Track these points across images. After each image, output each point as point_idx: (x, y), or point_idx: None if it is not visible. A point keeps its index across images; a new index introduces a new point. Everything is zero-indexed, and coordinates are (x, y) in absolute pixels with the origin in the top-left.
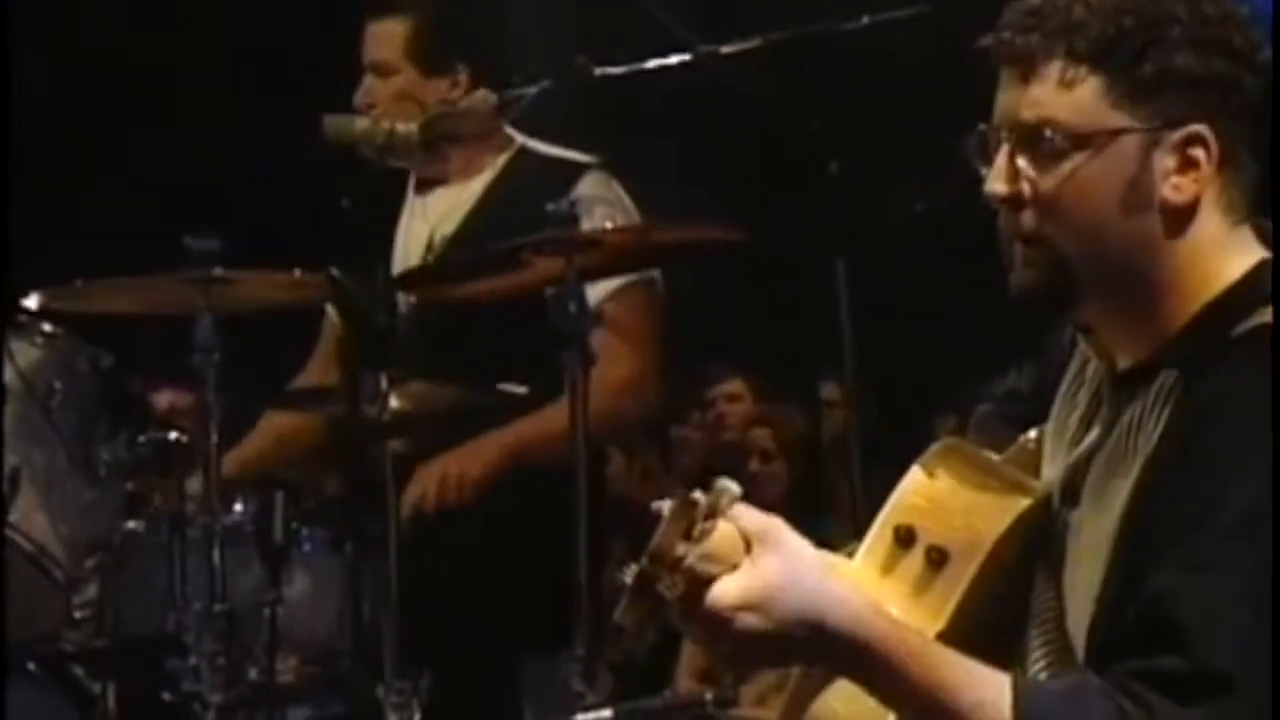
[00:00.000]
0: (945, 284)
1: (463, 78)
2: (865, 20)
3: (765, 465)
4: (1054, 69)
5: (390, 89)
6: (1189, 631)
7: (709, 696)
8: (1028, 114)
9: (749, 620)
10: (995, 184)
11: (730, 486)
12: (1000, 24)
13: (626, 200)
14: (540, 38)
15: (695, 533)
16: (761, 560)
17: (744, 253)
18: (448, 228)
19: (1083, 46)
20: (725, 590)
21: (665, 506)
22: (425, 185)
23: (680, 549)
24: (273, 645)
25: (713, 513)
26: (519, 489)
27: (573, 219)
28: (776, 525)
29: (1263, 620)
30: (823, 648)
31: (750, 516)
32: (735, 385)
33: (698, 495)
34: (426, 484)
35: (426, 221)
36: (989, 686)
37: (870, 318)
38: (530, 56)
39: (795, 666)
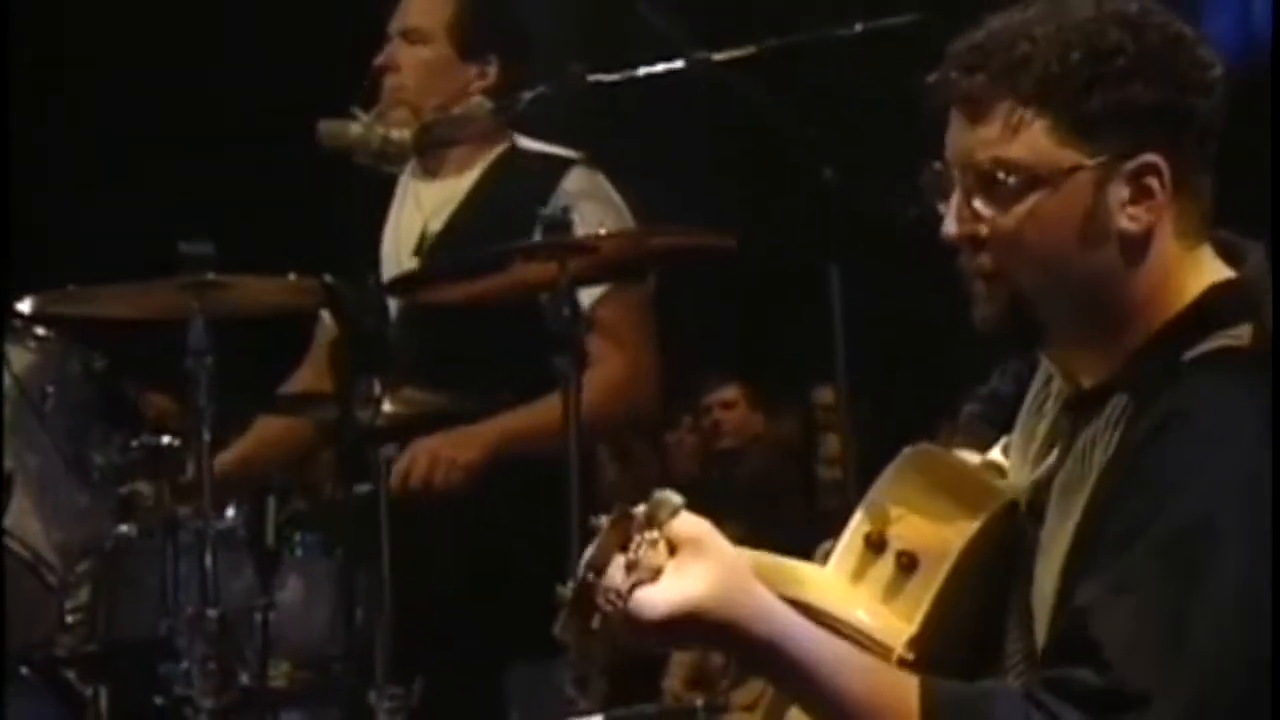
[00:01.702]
0: (940, 290)
1: (492, 70)
2: (859, 27)
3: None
4: (1001, 111)
5: (419, 57)
6: (1106, 648)
7: (699, 703)
8: (980, 155)
9: (675, 628)
10: (950, 225)
11: (671, 498)
12: (945, 62)
13: (614, 195)
14: (538, 42)
15: (632, 545)
16: (686, 567)
17: (738, 259)
18: (438, 223)
19: (1028, 86)
20: (649, 598)
21: (604, 520)
22: (421, 173)
23: (616, 562)
24: (265, 650)
25: (650, 524)
26: (512, 494)
27: (565, 224)
28: (703, 530)
29: (1184, 643)
30: (745, 651)
31: (680, 522)
32: (730, 392)
33: (636, 508)
34: (415, 460)
35: (420, 212)
36: (900, 693)
37: (865, 324)
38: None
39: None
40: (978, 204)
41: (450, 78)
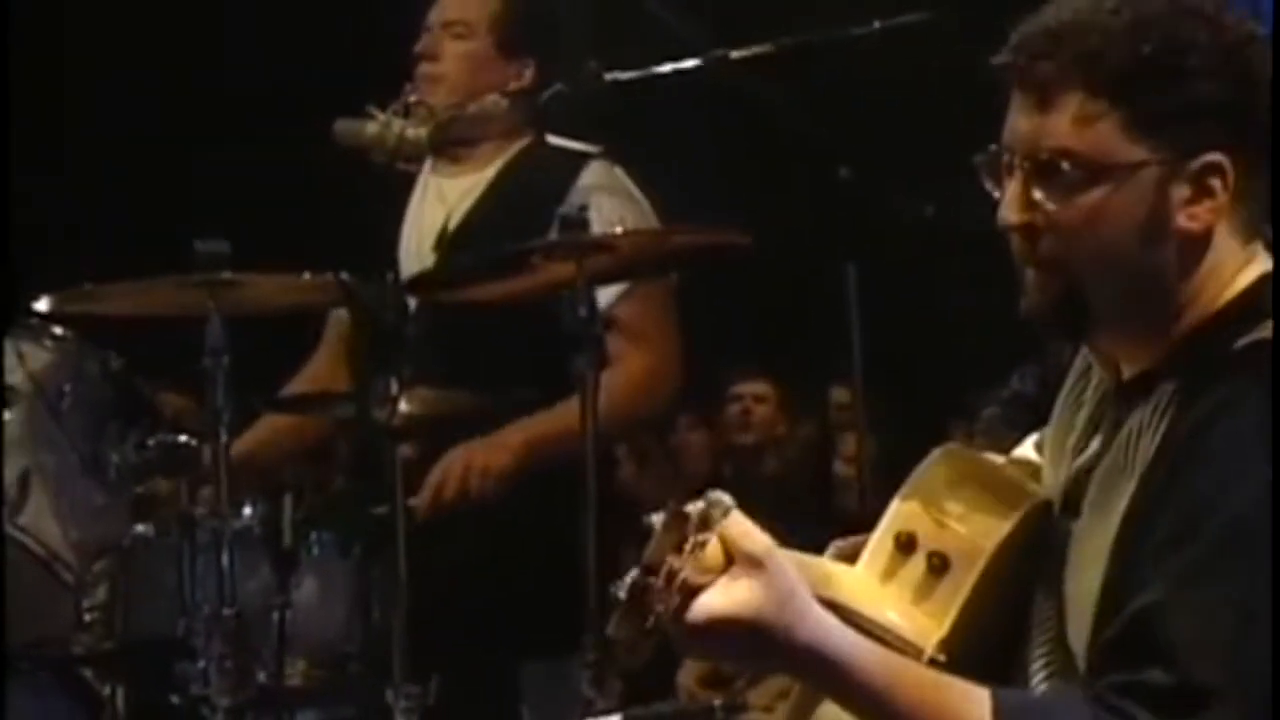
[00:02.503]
0: (956, 289)
1: (529, 71)
2: (876, 25)
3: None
4: (1072, 101)
5: (461, 50)
6: (1173, 646)
7: (717, 703)
8: (1044, 144)
9: (725, 638)
10: (1008, 213)
11: (723, 498)
12: (1014, 43)
13: (633, 189)
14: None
15: (688, 545)
16: (741, 582)
17: (754, 258)
18: (457, 217)
19: (1102, 79)
20: (702, 607)
21: (657, 519)
22: (443, 167)
23: (672, 562)
24: (281, 648)
25: (705, 525)
26: (529, 492)
27: (583, 223)
28: (760, 547)
29: (1250, 636)
30: (802, 669)
31: (739, 532)
32: (762, 386)
33: (690, 507)
34: (449, 471)
35: (443, 205)
36: (971, 702)
37: (881, 323)
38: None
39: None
40: (1037, 193)
41: (488, 73)
